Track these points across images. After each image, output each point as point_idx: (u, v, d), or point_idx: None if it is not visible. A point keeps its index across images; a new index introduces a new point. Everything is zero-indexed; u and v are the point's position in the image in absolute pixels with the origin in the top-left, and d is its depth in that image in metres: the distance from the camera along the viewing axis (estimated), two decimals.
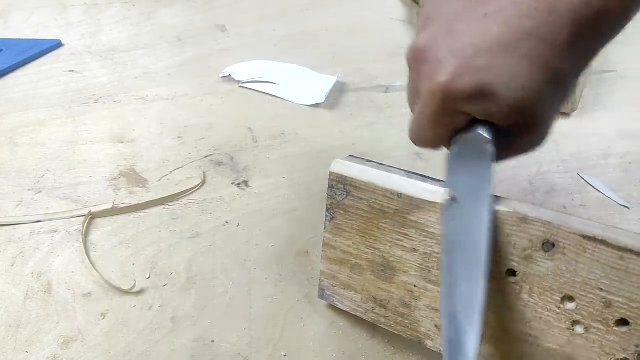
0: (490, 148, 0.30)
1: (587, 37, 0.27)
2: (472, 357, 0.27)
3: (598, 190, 0.50)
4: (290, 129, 0.58)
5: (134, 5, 0.84)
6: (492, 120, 0.29)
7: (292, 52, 0.73)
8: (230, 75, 0.66)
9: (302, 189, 0.51)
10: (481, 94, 0.28)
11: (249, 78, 0.66)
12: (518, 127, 0.30)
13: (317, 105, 0.62)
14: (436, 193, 0.32)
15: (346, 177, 0.34)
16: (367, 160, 0.36)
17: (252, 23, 0.80)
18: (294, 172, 0.52)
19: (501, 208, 0.30)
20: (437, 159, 0.53)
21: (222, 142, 0.56)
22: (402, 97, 0.64)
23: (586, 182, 0.51)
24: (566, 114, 0.59)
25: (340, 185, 0.35)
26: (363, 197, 0.34)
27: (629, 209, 0.48)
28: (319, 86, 0.64)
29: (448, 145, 0.32)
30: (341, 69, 0.68)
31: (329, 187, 0.35)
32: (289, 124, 0.59)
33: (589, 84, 0.64)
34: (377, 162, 0.36)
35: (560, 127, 0.57)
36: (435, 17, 0.30)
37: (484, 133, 0.30)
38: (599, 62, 0.68)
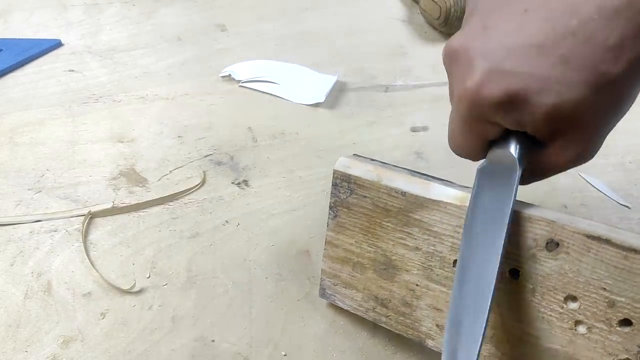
0: (515, 168, 0.27)
1: None
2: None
3: (598, 190, 0.50)
4: (290, 129, 0.58)
5: (134, 5, 0.84)
6: (525, 131, 0.27)
7: (292, 52, 0.72)
8: (230, 74, 0.66)
9: (302, 188, 0.51)
10: (511, 102, 0.25)
11: (249, 77, 0.66)
12: (557, 138, 0.27)
13: (317, 105, 0.62)
14: (441, 192, 0.32)
15: (350, 175, 0.35)
16: (371, 160, 0.36)
17: (252, 22, 0.80)
18: (294, 171, 0.52)
19: None
20: (437, 159, 0.53)
21: (222, 141, 0.56)
22: (402, 97, 0.64)
23: (586, 181, 0.51)
24: None
25: (344, 184, 0.35)
26: (367, 195, 0.34)
27: (629, 208, 0.48)
28: (319, 85, 0.64)
29: (483, 156, 0.30)
30: (341, 68, 0.68)
31: (332, 185, 0.35)
32: (289, 124, 0.59)
33: None
34: (381, 161, 0.36)
35: None
36: (476, 11, 0.28)
37: (513, 150, 0.27)
38: None
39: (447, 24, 0.75)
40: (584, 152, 0.28)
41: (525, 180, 0.30)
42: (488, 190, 0.29)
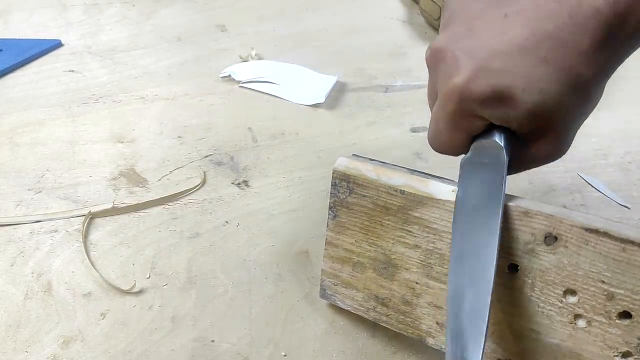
0: (503, 156, 0.28)
1: (611, 41, 0.26)
2: None
3: (598, 190, 0.50)
4: (290, 129, 0.58)
5: (134, 5, 0.84)
6: (509, 126, 0.28)
7: (292, 52, 0.73)
8: (230, 75, 0.66)
9: (302, 188, 0.51)
10: (498, 98, 0.27)
11: (249, 78, 0.66)
12: (536, 133, 0.28)
13: (317, 105, 0.62)
14: (440, 189, 0.32)
15: (349, 174, 0.35)
16: (370, 159, 0.36)
17: (252, 22, 0.80)
18: (294, 172, 0.52)
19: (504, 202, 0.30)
20: (437, 159, 0.53)
21: (222, 142, 0.56)
22: (402, 97, 0.64)
23: (586, 181, 0.51)
24: None
25: (343, 183, 0.35)
26: (366, 194, 0.34)
27: (628, 208, 0.48)
28: (318, 86, 0.64)
29: (466, 152, 0.31)
30: (341, 69, 0.68)
31: (332, 185, 0.36)
32: (289, 124, 0.59)
33: None
34: (380, 160, 0.36)
35: None
36: (457, 17, 0.30)
37: (499, 140, 0.28)
38: None
39: None
40: (559, 147, 0.30)
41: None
42: (476, 181, 0.30)
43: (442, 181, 0.33)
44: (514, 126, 0.28)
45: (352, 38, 0.77)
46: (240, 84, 0.65)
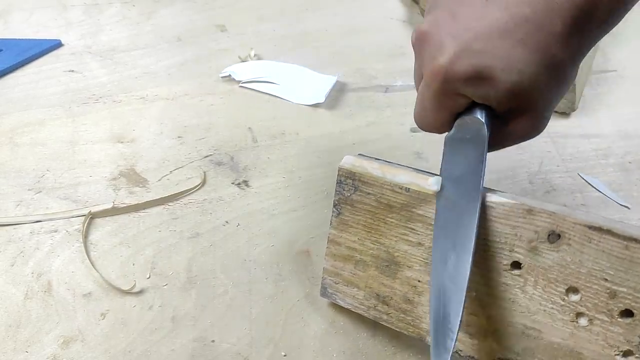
0: (484, 131, 0.30)
1: (584, 25, 0.28)
2: (455, 327, 0.29)
3: (598, 190, 0.50)
4: (290, 129, 0.58)
5: (134, 5, 0.84)
6: (489, 104, 0.30)
7: (292, 52, 0.72)
8: (230, 75, 0.66)
9: (302, 188, 0.51)
10: (479, 77, 0.28)
11: (249, 78, 0.66)
12: (515, 112, 0.30)
13: (317, 105, 0.62)
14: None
15: (355, 172, 0.35)
16: (376, 159, 0.36)
17: (251, 23, 0.80)
18: (294, 172, 0.52)
19: (507, 200, 0.30)
20: (437, 159, 0.53)
21: (222, 142, 0.56)
22: (402, 97, 0.64)
23: (586, 181, 0.51)
24: (566, 114, 0.59)
25: (348, 181, 0.35)
26: (371, 192, 0.35)
27: (629, 208, 0.48)
28: (318, 86, 0.64)
29: (450, 129, 0.32)
30: (341, 69, 0.68)
31: (337, 182, 0.36)
32: (289, 124, 0.59)
33: (588, 84, 0.64)
34: (386, 160, 0.36)
35: (560, 127, 0.58)
36: (440, 3, 0.31)
37: (480, 116, 0.30)
38: (598, 61, 0.68)
39: None
40: (537, 125, 0.31)
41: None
42: (459, 155, 0.32)
43: None
44: (494, 104, 0.30)
45: (352, 38, 0.77)
46: (240, 84, 0.65)
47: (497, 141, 0.32)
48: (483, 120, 0.30)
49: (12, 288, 0.41)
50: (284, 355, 0.37)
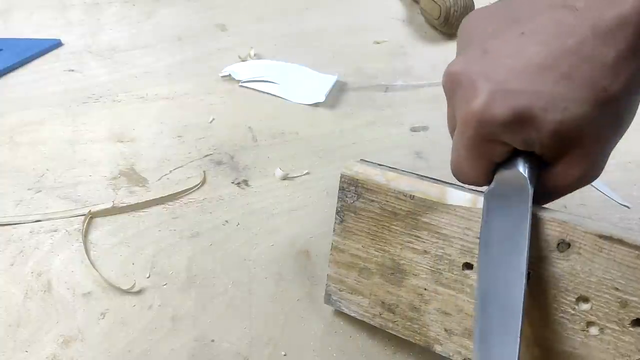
0: (527, 187, 0.27)
1: (638, 51, 0.25)
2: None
3: (598, 190, 0.50)
4: (290, 128, 0.58)
5: (134, 5, 0.84)
6: (533, 150, 0.27)
7: (292, 52, 0.72)
8: (230, 74, 0.66)
9: (301, 188, 0.51)
10: (518, 120, 0.25)
11: (249, 77, 0.66)
12: (564, 156, 0.27)
13: (317, 105, 0.62)
14: (450, 194, 0.32)
15: (358, 179, 0.34)
16: (379, 165, 0.36)
17: (252, 22, 0.80)
18: (294, 171, 0.52)
19: None
20: (437, 159, 0.53)
21: (222, 141, 0.56)
22: (402, 97, 0.64)
23: None
24: None
25: (351, 188, 0.35)
26: (374, 199, 0.34)
27: (629, 208, 0.48)
28: (318, 85, 0.64)
29: (490, 181, 0.29)
30: (341, 68, 0.68)
31: (339, 189, 0.35)
32: (289, 123, 0.59)
33: None
34: (389, 166, 0.36)
35: None
36: (472, 39, 0.29)
37: (522, 170, 0.27)
38: None
39: (447, 24, 0.75)
40: (590, 169, 0.28)
41: (534, 202, 0.29)
42: (500, 215, 0.28)
43: (452, 187, 0.32)
44: (538, 150, 0.27)
45: (352, 38, 0.77)
46: (241, 84, 0.65)
47: (547, 192, 0.29)
48: (526, 175, 0.27)
49: (11, 287, 0.41)
50: (284, 355, 0.37)
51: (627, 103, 0.27)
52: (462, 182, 0.31)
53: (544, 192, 0.29)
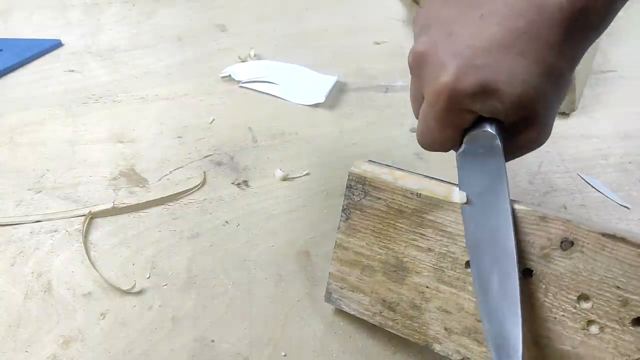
0: (498, 143, 0.30)
1: (576, 32, 0.29)
2: (519, 349, 0.27)
3: (598, 190, 0.50)
4: (290, 129, 0.58)
5: (134, 5, 0.84)
6: (497, 117, 0.30)
7: (292, 52, 0.72)
8: (230, 75, 0.66)
9: (301, 188, 0.51)
10: (485, 91, 0.29)
11: (249, 78, 0.66)
12: (522, 122, 0.30)
13: (317, 105, 0.62)
14: (457, 193, 0.33)
15: (366, 177, 0.35)
16: (387, 165, 0.36)
17: (252, 22, 0.80)
18: (294, 172, 0.52)
19: (520, 207, 0.30)
20: (437, 159, 0.53)
21: (222, 141, 0.56)
22: (402, 97, 0.64)
23: (586, 182, 0.51)
24: (566, 114, 0.59)
25: (359, 186, 0.35)
26: (381, 197, 0.35)
27: (628, 209, 0.48)
28: (318, 86, 0.64)
29: (458, 146, 0.32)
30: (341, 69, 0.68)
31: (347, 187, 0.36)
32: (289, 124, 0.59)
33: (588, 84, 0.64)
34: (396, 167, 0.36)
35: (560, 127, 0.58)
36: (433, 23, 0.32)
37: (491, 129, 0.30)
38: (598, 62, 0.68)
39: None
40: (543, 133, 0.32)
41: None
42: (476, 169, 0.31)
43: (458, 186, 0.33)
44: (502, 116, 0.30)
45: (352, 38, 0.77)
46: (240, 84, 0.65)
47: (506, 154, 0.32)
48: (495, 133, 0.30)
49: (12, 288, 0.41)
50: (284, 355, 0.37)
51: (569, 75, 0.30)
52: (431, 150, 0.34)
53: (504, 153, 0.32)
